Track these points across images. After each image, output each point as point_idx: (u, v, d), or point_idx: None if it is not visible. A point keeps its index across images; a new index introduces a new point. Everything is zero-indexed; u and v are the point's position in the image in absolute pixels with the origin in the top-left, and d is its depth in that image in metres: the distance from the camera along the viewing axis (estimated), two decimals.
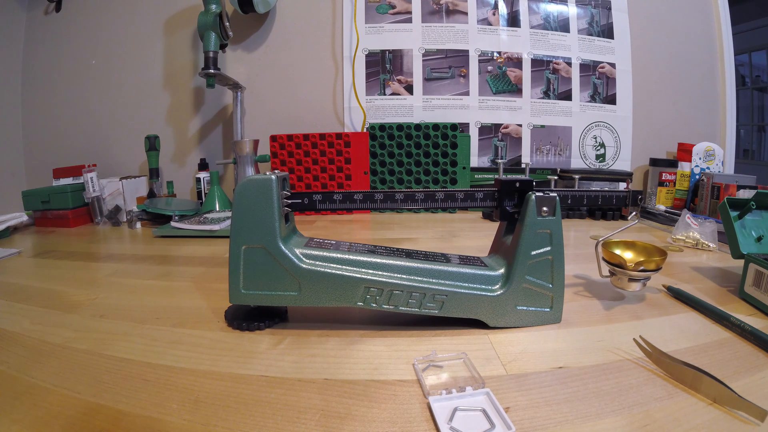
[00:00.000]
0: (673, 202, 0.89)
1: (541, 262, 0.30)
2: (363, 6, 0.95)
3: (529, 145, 0.98)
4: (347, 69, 0.96)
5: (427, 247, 0.43)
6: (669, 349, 0.26)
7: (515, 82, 0.97)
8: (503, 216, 0.32)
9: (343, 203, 0.31)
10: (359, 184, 0.86)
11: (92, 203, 0.78)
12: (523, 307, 0.31)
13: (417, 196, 0.31)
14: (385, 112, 0.96)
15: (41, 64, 1.04)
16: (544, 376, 0.25)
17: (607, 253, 0.35)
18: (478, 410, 0.21)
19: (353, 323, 0.32)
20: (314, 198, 0.30)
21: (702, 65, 1.01)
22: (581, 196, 0.34)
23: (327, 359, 0.27)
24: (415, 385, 0.24)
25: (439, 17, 0.95)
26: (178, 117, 0.99)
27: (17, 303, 0.37)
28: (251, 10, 0.87)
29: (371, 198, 0.31)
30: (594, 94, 0.98)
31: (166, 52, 0.99)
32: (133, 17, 0.99)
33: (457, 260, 0.32)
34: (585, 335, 0.30)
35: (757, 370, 0.25)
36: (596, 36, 0.98)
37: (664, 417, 0.21)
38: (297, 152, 0.86)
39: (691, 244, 0.56)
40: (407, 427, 0.20)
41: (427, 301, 0.30)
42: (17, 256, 0.55)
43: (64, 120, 1.03)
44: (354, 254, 0.30)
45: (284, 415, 0.21)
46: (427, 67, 0.96)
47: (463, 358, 0.26)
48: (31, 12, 1.04)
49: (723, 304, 0.34)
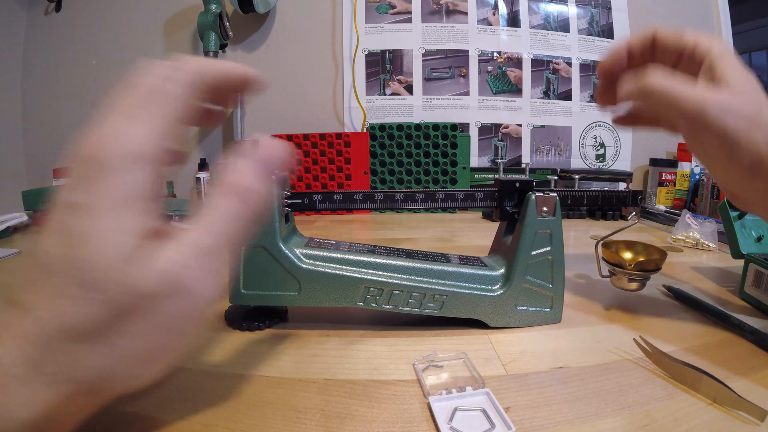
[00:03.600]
0: (673, 202, 0.89)
1: (541, 262, 0.30)
2: (363, 6, 0.95)
3: (529, 145, 0.98)
4: (347, 69, 0.96)
5: (427, 247, 0.43)
6: (669, 349, 0.26)
7: (515, 82, 0.97)
8: (503, 216, 0.32)
9: (343, 203, 0.31)
10: (359, 184, 0.86)
11: None
12: (523, 307, 0.31)
13: (417, 196, 0.31)
14: (385, 112, 0.96)
15: (41, 64, 1.04)
16: (544, 376, 0.25)
17: (607, 253, 0.35)
18: (478, 410, 0.21)
19: (353, 323, 0.32)
20: (314, 198, 0.30)
21: None
22: (581, 196, 0.34)
23: (327, 359, 0.27)
24: (415, 385, 0.24)
25: (439, 17, 0.95)
26: None
27: None
28: (251, 10, 0.87)
29: (371, 198, 0.31)
30: (594, 94, 0.98)
31: (166, 52, 0.99)
32: (133, 17, 0.99)
33: (457, 260, 0.32)
34: (585, 335, 0.30)
35: (757, 370, 0.25)
36: (596, 36, 0.98)
37: (664, 417, 0.21)
38: (297, 152, 0.86)
39: (691, 244, 0.56)
40: (407, 427, 0.20)
41: (427, 301, 0.30)
42: (17, 256, 0.55)
43: (64, 120, 1.03)
44: (354, 254, 0.30)
45: (284, 415, 0.21)
46: (427, 67, 0.96)
47: (463, 358, 0.26)
48: (31, 12, 1.04)
49: (723, 304, 0.34)
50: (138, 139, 0.16)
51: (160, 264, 0.16)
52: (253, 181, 0.19)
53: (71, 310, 0.15)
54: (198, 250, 0.17)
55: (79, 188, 0.16)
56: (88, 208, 0.15)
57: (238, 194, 0.18)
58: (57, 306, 0.15)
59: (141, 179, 0.16)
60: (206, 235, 0.17)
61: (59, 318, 0.15)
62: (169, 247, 0.17)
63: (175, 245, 0.17)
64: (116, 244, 0.15)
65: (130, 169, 0.16)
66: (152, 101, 0.17)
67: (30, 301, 0.16)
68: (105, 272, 0.15)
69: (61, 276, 0.15)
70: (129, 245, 0.16)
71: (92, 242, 0.15)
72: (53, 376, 0.15)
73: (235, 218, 0.18)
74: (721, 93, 0.25)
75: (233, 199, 0.18)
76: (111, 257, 0.15)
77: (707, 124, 0.25)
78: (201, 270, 0.17)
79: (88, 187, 0.16)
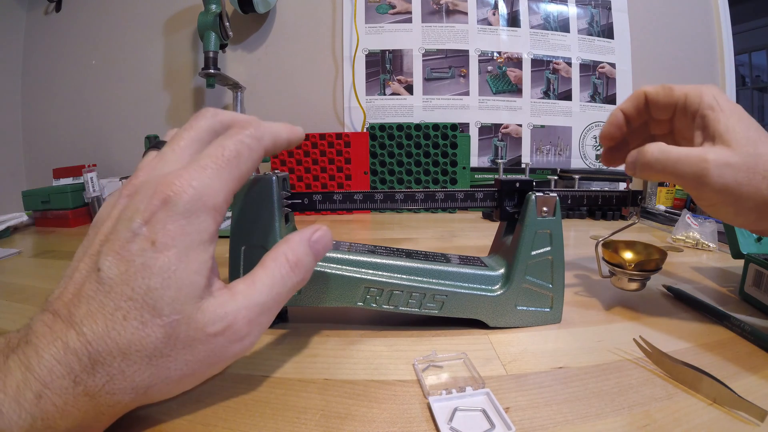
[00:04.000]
0: (673, 202, 0.89)
1: (541, 262, 0.30)
2: (363, 6, 0.95)
3: (529, 145, 0.98)
4: (347, 69, 0.96)
5: (427, 247, 0.43)
6: (669, 349, 0.26)
7: (515, 82, 0.97)
8: (503, 216, 0.32)
9: (343, 203, 0.31)
10: (359, 184, 0.86)
11: (92, 203, 0.78)
12: (523, 307, 0.31)
13: (417, 196, 0.31)
14: (385, 112, 0.96)
15: (41, 64, 1.04)
16: (544, 376, 0.25)
17: (607, 253, 0.35)
18: (478, 410, 0.21)
19: (353, 323, 0.32)
20: (314, 198, 0.30)
21: (702, 65, 1.01)
22: (581, 196, 0.34)
23: (327, 359, 0.27)
24: (415, 385, 0.24)
25: (439, 17, 0.95)
26: (178, 117, 0.99)
27: (17, 303, 0.37)
28: (251, 10, 0.87)
29: (371, 198, 0.31)
30: (594, 94, 0.98)
31: (166, 52, 0.99)
32: (133, 17, 0.99)
33: (457, 260, 0.32)
34: (585, 335, 0.30)
35: (757, 370, 0.25)
36: (596, 36, 0.98)
37: (664, 417, 0.21)
38: (297, 152, 0.86)
39: (691, 244, 0.56)
40: (407, 427, 0.20)
41: (427, 301, 0.30)
42: (17, 256, 0.55)
43: (64, 120, 1.04)
44: (354, 254, 0.30)
45: (284, 415, 0.21)
46: (427, 67, 0.96)
47: (463, 358, 0.26)
48: (31, 12, 1.04)
49: (723, 304, 0.34)
50: (220, 196, 0.19)
51: (223, 308, 0.19)
52: (304, 257, 0.22)
53: (130, 331, 0.17)
54: (254, 304, 0.20)
55: (158, 226, 0.17)
56: (166, 246, 0.17)
57: (290, 264, 0.22)
58: (113, 325, 0.16)
59: (213, 227, 0.19)
60: (262, 294, 0.20)
61: (114, 336, 0.16)
62: (231, 295, 0.19)
63: (237, 295, 0.19)
64: (191, 283, 0.18)
65: (207, 219, 0.19)
66: (234, 166, 0.20)
67: (75, 314, 0.17)
68: (175, 305, 0.17)
69: (124, 299, 0.17)
70: (201, 285, 0.18)
71: (167, 276, 0.17)
72: (94, 388, 0.16)
73: (286, 283, 0.21)
74: (716, 150, 0.27)
75: (286, 267, 0.21)
76: (184, 292, 0.17)
77: (708, 184, 0.26)
78: (252, 322, 0.20)
79: (169, 227, 0.18)
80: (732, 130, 0.27)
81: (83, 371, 0.16)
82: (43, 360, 0.16)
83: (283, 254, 0.22)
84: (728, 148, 0.26)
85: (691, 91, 0.30)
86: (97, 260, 0.17)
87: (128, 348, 0.17)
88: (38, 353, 0.16)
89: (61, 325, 0.16)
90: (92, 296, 0.17)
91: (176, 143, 0.21)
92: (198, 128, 0.21)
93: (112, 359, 0.16)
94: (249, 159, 0.21)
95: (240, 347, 0.19)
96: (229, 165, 0.20)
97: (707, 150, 0.27)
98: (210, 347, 0.18)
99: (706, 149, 0.27)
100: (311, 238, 0.23)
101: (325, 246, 0.24)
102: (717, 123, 0.27)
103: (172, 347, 0.17)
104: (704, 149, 0.27)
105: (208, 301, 0.18)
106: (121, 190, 0.20)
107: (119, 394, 0.17)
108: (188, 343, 0.18)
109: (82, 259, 0.18)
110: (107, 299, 0.17)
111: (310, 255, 0.22)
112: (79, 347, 0.16)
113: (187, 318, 0.17)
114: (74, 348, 0.16)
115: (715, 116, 0.28)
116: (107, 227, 0.19)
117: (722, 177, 0.26)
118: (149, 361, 0.17)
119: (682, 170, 0.27)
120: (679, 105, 0.31)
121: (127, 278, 0.17)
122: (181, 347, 0.18)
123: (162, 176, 0.18)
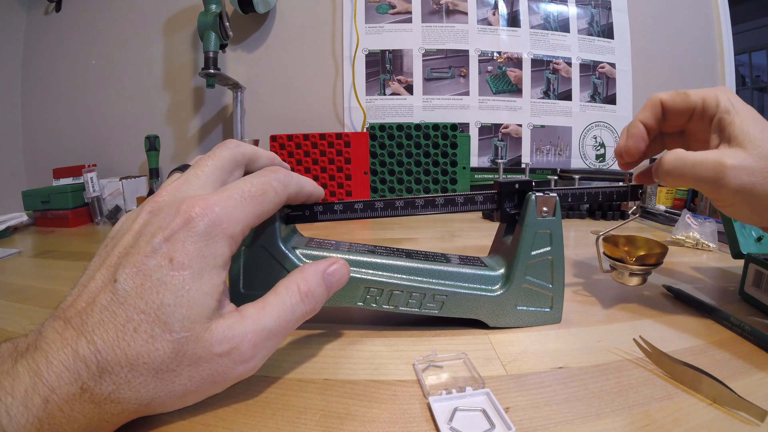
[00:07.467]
0: (673, 202, 0.89)
1: (541, 262, 0.30)
2: (363, 6, 0.95)
3: (529, 145, 0.98)
4: (347, 69, 0.96)
5: (427, 247, 0.43)
6: (669, 349, 0.26)
7: (515, 82, 0.97)
8: (504, 218, 0.32)
9: (344, 213, 0.31)
10: (359, 184, 0.86)
11: (92, 203, 0.78)
12: (523, 307, 0.31)
13: (417, 203, 0.31)
14: (385, 112, 0.96)
15: (41, 64, 1.04)
16: (544, 376, 0.25)
17: (608, 248, 0.35)
18: (478, 410, 0.21)
19: (353, 323, 0.32)
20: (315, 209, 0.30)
21: (702, 65, 1.01)
22: (581, 193, 0.33)
23: (327, 359, 0.27)
24: (415, 385, 0.24)
25: (439, 17, 0.95)
26: (178, 117, 0.99)
27: (17, 303, 0.37)
28: (251, 10, 0.87)
29: (372, 207, 0.31)
30: (594, 94, 0.98)
31: (166, 52, 0.99)
32: (133, 17, 0.99)
33: (457, 260, 0.32)
34: (585, 335, 0.30)
35: (757, 370, 0.25)
36: (596, 36, 0.98)
37: (664, 417, 0.21)
38: (297, 152, 0.86)
39: (691, 244, 0.56)
40: (407, 427, 0.20)
41: (427, 301, 0.30)
42: (17, 256, 0.55)
43: (64, 120, 1.04)
44: (354, 254, 0.30)
45: (284, 415, 0.21)
46: (427, 67, 0.96)
47: (463, 358, 0.26)
48: (31, 12, 1.04)
49: (723, 304, 0.34)
50: (238, 226, 0.20)
51: (231, 330, 0.19)
52: (316, 288, 0.23)
53: (139, 343, 0.17)
54: (261, 328, 0.20)
55: (178, 245, 0.18)
56: (183, 265, 0.18)
57: (302, 293, 0.22)
58: (124, 336, 0.17)
59: (227, 254, 0.20)
60: (271, 319, 0.21)
61: (123, 347, 0.17)
62: (241, 318, 0.20)
63: (246, 319, 0.20)
64: (202, 304, 0.18)
65: (224, 245, 0.19)
66: (258, 202, 0.21)
67: (87, 323, 0.17)
68: (185, 322, 0.18)
69: (136, 312, 0.17)
70: (211, 306, 0.19)
71: (180, 294, 0.18)
72: (100, 396, 0.17)
73: (295, 312, 0.22)
74: (731, 153, 0.27)
75: (297, 296, 0.22)
76: (195, 311, 0.18)
77: (726, 186, 0.27)
78: (258, 346, 0.20)
79: (189, 247, 0.18)
80: (747, 132, 0.27)
81: (91, 379, 0.16)
82: (52, 366, 0.16)
83: (296, 283, 0.22)
84: (744, 150, 0.27)
85: (708, 95, 0.30)
86: (115, 272, 0.18)
87: (136, 360, 0.17)
88: (48, 359, 0.16)
89: (72, 332, 0.17)
90: (106, 306, 0.17)
91: (200, 168, 0.22)
92: (221, 157, 0.22)
93: (120, 369, 0.17)
94: (273, 200, 0.22)
95: (244, 369, 0.20)
96: (253, 200, 0.21)
97: (723, 153, 0.27)
98: (214, 366, 0.19)
99: (722, 152, 0.27)
100: (326, 270, 0.23)
101: (340, 280, 0.24)
102: (732, 125, 0.28)
103: (179, 363, 0.18)
104: (720, 152, 0.28)
105: (217, 322, 0.19)
106: (143, 206, 0.21)
107: (123, 403, 0.17)
108: (194, 361, 0.18)
109: (99, 269, 0.19)
110: (120, 310, 0.17)
111: (322, 287, 0.23)
112: (88, 355, 0.16)
113: (196, 336, 0.18)
114: (83, 355, 0.16)
115: (730, 119, 0.28)
116: (127, 240, 0.19)
117: (738, 178, 0.26)
118: (155, 374, 0.17)
119: (699, 174, 0.28)
120: (697, 110, 0.31)
121: (142, 292, 0.17)
122: (187, 364, 0.18)
123: (186, 198, 0.19)
